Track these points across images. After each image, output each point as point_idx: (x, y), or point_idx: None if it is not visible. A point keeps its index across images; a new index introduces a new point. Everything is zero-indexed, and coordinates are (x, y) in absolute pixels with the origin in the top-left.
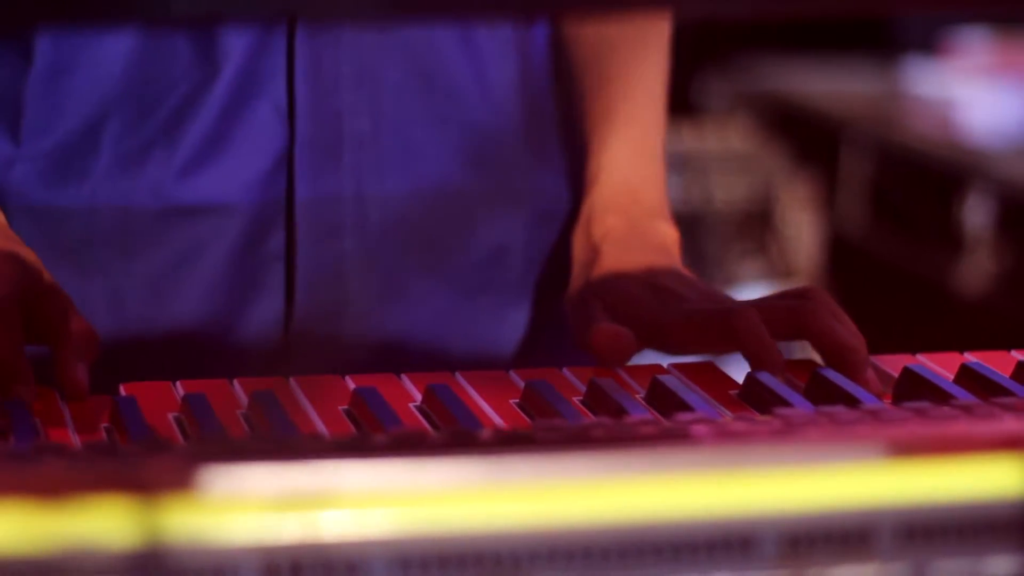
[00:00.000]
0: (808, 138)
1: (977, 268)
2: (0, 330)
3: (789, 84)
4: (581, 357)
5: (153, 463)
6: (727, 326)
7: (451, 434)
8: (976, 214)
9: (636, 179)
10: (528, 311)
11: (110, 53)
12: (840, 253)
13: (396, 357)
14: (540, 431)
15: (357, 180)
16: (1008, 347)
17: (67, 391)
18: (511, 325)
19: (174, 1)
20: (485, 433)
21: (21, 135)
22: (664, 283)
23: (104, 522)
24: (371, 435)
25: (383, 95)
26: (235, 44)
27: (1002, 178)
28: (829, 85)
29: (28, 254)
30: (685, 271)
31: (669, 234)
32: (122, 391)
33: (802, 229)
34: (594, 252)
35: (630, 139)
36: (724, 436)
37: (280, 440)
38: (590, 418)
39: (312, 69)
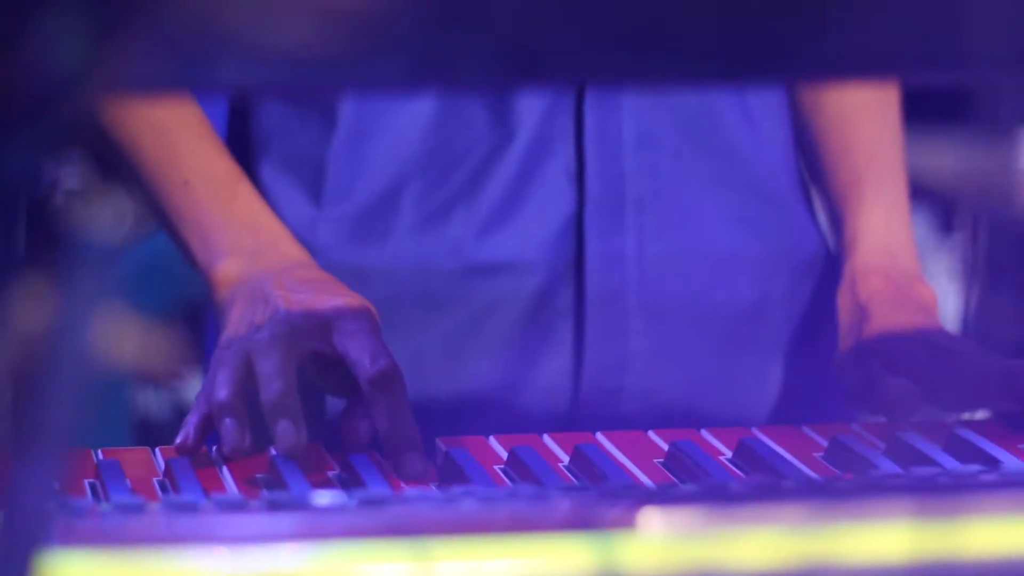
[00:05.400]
0: (917, 214)
1: None
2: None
3: None
4: (834, 413)
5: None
6: (1013, 383)
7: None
8: None
9: (892, 242)
10: (785, 368)
11: (409, 119)
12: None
13: (668, 412)
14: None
15: (638, 240)
16: None
17: (346, 442)
18: (769, 381)
19: (474, 71)
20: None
21: (323, 197)
22: (938, 341)
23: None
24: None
25: (662, 157)
26: (528, 109)
27: None
28: (935, 160)
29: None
30: (948, 330)
31: (929, 295)
32: (442, 444)
33: (945, 300)
34: (863, 312)
35: (882, 204)
36: None
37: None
38: (896, 469)
39: (598, 133)
